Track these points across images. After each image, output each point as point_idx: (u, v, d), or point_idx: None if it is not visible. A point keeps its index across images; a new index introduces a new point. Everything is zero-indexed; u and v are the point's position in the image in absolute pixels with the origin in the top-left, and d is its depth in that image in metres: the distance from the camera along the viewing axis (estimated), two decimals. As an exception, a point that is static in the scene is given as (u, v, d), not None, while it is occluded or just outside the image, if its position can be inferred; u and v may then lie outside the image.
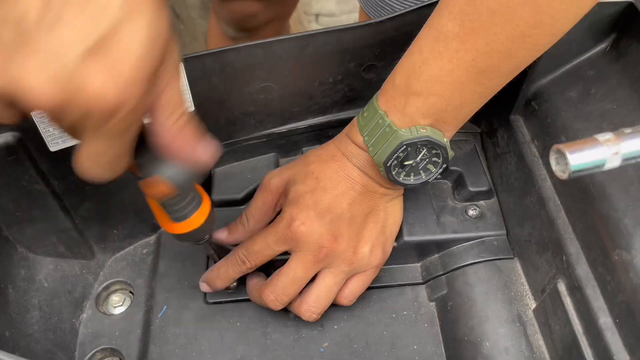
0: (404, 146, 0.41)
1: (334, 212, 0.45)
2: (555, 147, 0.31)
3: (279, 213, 0.49)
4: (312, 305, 0.47)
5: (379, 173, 0.44)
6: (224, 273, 0.48)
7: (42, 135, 0.44)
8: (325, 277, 0.47)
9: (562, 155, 0.31)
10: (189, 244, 0.43)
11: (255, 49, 0.46)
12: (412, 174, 0.44)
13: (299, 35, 0.46)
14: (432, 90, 0.40)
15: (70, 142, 0.45)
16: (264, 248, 0.47)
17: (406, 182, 0.45)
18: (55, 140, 0.44)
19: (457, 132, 0.58)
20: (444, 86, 0.40)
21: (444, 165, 0.45)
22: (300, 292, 0.48)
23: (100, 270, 0.55)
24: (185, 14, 1.42)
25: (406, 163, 0.43)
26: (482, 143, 0.57)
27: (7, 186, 0.44)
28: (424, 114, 0.42)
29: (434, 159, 0.44)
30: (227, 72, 0.46)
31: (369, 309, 0.51)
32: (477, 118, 0.58)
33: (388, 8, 0.69)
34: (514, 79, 0.50)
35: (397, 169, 0.43)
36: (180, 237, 0.41)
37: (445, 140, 0.43)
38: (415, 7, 0.47)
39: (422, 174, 0.45)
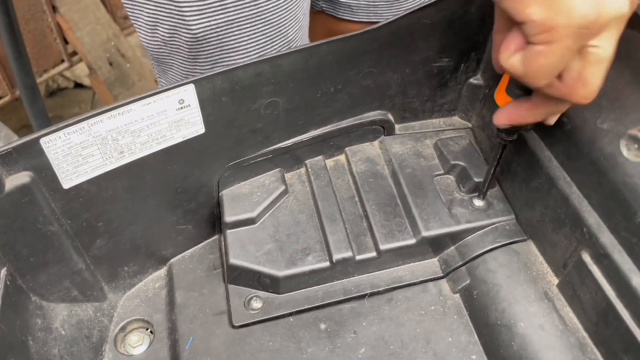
0: None
1: None
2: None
3: None
4: None
5: None
6: None
7: (56, 172, 0.42)
8: None
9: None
10: (206, 270, 0.41)
11: (263, 65, 0.46)
12: None
13: (304, 47, 0.46)
14: None
15: (82, 177, 0.44)
16: None
17: None
18: (69, 177, 0.43)
19: (450, 129, 0.61)
20: None
21: None
22: None
23: (114, 310, 0.52)
24: (131, 53, 1.39)
25: None
26: (475, 137, 0.59)
27: (22, 230, 0.42)
28: None
29: None
30: (236, 90, 0.46)
31: (397, 309, 0.51)
32: (467, 114, 0.61)
33: None
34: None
35: None
36: None
37: None
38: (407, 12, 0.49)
39: None
